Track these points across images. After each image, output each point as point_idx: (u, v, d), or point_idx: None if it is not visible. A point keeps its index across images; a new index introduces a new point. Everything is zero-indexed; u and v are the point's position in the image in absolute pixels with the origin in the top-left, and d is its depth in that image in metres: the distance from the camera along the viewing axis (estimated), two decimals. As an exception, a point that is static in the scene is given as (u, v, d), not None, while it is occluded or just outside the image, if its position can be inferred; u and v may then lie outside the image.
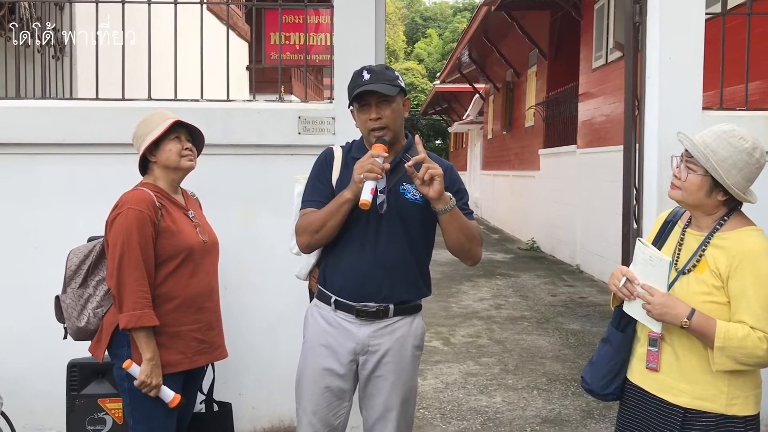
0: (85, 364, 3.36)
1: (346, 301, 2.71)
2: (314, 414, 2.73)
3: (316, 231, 2.65)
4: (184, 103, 4.02)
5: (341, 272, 2.72)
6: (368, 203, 2.51)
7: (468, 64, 21.65)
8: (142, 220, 2.76)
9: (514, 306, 8.57)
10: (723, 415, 2.28)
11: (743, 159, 2.26)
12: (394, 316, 2.72)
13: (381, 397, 2.74)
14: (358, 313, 2.69)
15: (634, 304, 2.37)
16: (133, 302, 2.72)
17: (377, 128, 2.66)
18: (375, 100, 2.64)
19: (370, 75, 2.65)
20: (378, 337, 2.71)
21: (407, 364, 2.76)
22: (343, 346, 2.72)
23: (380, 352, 2.71)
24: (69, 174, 3.96)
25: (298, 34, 4.87)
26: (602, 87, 10.92)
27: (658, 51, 3.94)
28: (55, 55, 5.64)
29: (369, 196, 2.52)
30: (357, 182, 2.54)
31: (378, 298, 2.69)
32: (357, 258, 2.68)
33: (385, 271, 2.67)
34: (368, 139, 2.71)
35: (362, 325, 2.70)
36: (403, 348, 2.74)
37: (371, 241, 2.66)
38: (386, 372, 2.72)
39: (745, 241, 2.27)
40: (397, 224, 2.66)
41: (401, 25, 54.96)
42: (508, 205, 17.73)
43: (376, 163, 2.53)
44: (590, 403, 5.00)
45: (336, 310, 2.73)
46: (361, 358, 2.73)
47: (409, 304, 2.77)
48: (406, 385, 2.76)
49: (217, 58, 4.23)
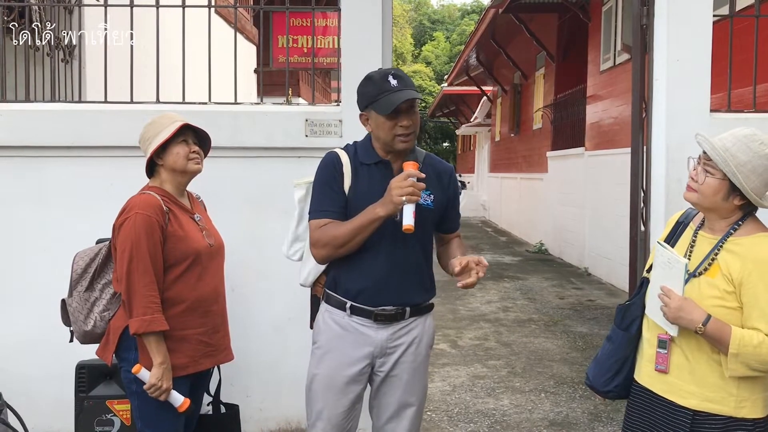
0: (94, 366, 3.37)
1: (363, 306, 2.68)
2: (329, 420, 2.72)
3: (341, 245, 2.60)
4: (192, 106, 4.03)
5: (357, 278, 2.67)
6: (412, 228, 2.47)
7: (476, 67, 21.65)
8: (150, 224, 2.77)
9: (521, 309, 8.55)
10: (732, 417, 2.27)
11: (763, 164, 2.24)
12: (411, 317, 2.74)
13: (395, 396, 2.75)
14: (377, 318, 2.68)
15: (653, 305, 2.37)
16: (143, 307, 2.73)
17: (405, 134, 2.61)
18: (406, 106, 2.58)
19: (397, 81, 2.59)
20: (396, 339, 2.72)
21: (421, 362, 2.78)
22: (359, 351, 2.70)
23: (398, 353, 2.73)
24: (77, 176, 3.98)
25: (306, 37, 4.89)
26: (610, 89, 10.89)
27: (666, 53, 3.93)
28: (65, 59, 5.67)
29: (412, 220, 2.47)
30: (396, 204, 2.47)
31: (397, 301, 2.69)
32: (373, 264, 2.65)
33: (401, 275, 2.67)
34: (392, 145, 2.64)
35: (380, 329, 2.69)
36: (419, 347, 2.76)
37: (387, 247, 2.64)
38: (401, 371, 2.73)
39: (760, 248, 2.26)
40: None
41: (409, 28, 55.03)
42: (516, 208, 17.70)
43: (417, 185, 2.48)
44: (598, 406, 4.99)
45: (351, 315, 2.70)
46: (378, 361, 2.73)
47: (423, 305, 2.78)
48: (420, 383, 2.80)
49: (225, 62, 4.24)
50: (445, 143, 43.40)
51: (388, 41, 4.02)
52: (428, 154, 2.82)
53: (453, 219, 2.87)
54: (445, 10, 60.98)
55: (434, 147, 41.43)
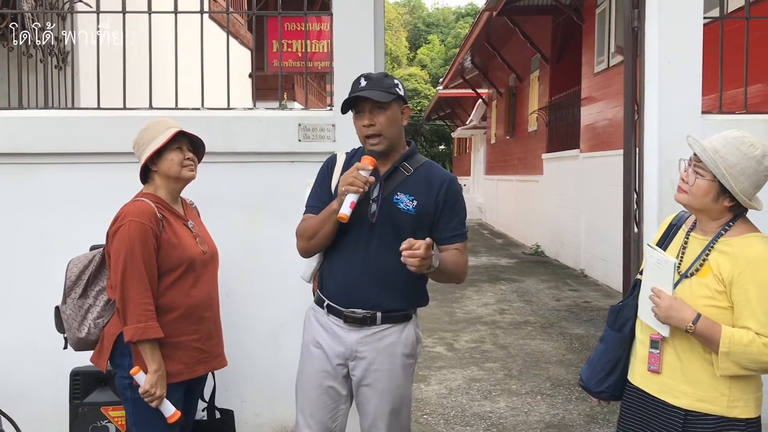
0: (88, 373, 3.37)
1: (336, 305, 2.74)
2: (311, 416, 2.76)
3: (310, 237, 2.72)
4: (185, 112, 4.03)
5: (333, 277, 2.76)
6: (346, 217, 2.54)
7: (471, 70, 21.69)
8: (144, 232, 2.77)
9: (518, 311, 8.56)
10: (724, 417, 2.28)
11: (752, 166, 2.26)
12: (383, 323, 2.72)
13: (370, 406, 2.75)
14: (347, 319, 2.72)
15: (645, 307, 2.38)
16: (138, 315, 2.73)
17: (371, 135, 2.67)
18: (369, 106, 2.66)
19: (366, 82, 2.67)
20: (365, 344, 2.72)
21: (397, 372, 2.74)
22: (333, 349, 2.75)
23: (367, 360, 2.72)
24: (71, 183, 3.97)
25: (300, 41, 4.88)
26: (604, 91, 10.92)
27: (657, 55, 3.94)
28: (58, 65, 5.67)
29: (348, 211, 2.54)
30: (340, 194, 2.57)
31: (366, 305, 2.70)
32: (347, 264, 2.71)
33: (374, 279, 2.68)
34: (364, 146, 2.73)
35: (351, 331, 2.72)
36: (393, 356, 2.73)
37: (362, 248, 2.68)
38: (375, 380, 2.73)
39: (750, 248, 2.28)
40: (390, 233, 2.65)
41: (404, 31, 55.11)
42: (512, 210, 17.72)
43: (359, 176, 2.54)
44: (594, 408, 4.99)
45: (328, 314, 2.77)
46: (351, 364, 2.75)
47: (399, 312, 2.75)
48: (396, 393, 2.75)
49: (219, 66, 4.24)
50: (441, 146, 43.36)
51: (380, 45, 4.03)
52: (428, 162, 2.82)
53: (445, 230, 2.74)
54: (440, 13, 61.06)
55: (430, 150, 41.40)
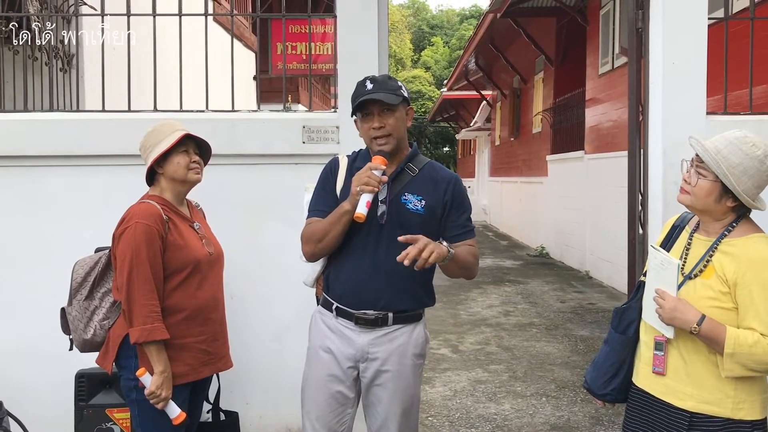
0: (93, 375, 3.38)
1: (346, 308, 2.73)
2: (318, 420, 2.75)
3: (318, 241, 2.69)
4: (190, 114, 4.04)
5: (342, 280, 2.74)
6: (363, 217, 2.54)
7: (475, 71, 21.68)
8: (150, 234, 2.78)
9: (522, 313, 8.55)
10: (730, 419, 2.27)
11: (754, 166, 2.26)
12: (394, 324, 2.73)
13: (381, 406, 2.75)
14: (357, 321, 2.71)
15: (649, 309, 2.37)
16: (144, 316, 2.74)
17: (380, 136, 2.68)
18: (377, 109, 2.67)
19: (373, 84, 2.68)
20: (377, 345, 2.72)
21: (407, 373, 2.76)
22: (343, 352, 2.74)
23: (379, 361, 2.72)
24: (76, 185, 3.98)
25: (305, 43, 4.89)
26: (609, 92, 10.91)
27: (662, 56, 3.94)
28: (63, 68, 5.69)
29: (364, 210, 2.54)
30: (354, 195, 2.56)
31: (377, 306, 2.70)
32: (357, 266, 2.70)
33: (385, 280, 2.68)
34: (371, 147, 2.74)
35: (361, 333, 2.72)
36: (404, 357, 2.74)
37: (371, 249, 2.68)
38: (386, 381, 2.73)
39: (753, 249, 2.27)
40: (399, 234, 2.62)
41: (408, 33, 55.11)
42: (517, 212, 17.70)
43: (373, 176, 2.55)
44: (599, 410, 4.98)
45: (337, 317, 2.76)
46: (361, 365, 2.74)
47: (409, 312, 2.77)
48: (406, 393, 2.76)
49: (224, 69, 4.25)
50: (445, 148, 43.35)
51: (384, 47, 4.03)
52: (430, 162, 2.85)
53: (455, 227, 2.77)
54: (444, 15, 61.05)
55: (434, 152, 41.41)
